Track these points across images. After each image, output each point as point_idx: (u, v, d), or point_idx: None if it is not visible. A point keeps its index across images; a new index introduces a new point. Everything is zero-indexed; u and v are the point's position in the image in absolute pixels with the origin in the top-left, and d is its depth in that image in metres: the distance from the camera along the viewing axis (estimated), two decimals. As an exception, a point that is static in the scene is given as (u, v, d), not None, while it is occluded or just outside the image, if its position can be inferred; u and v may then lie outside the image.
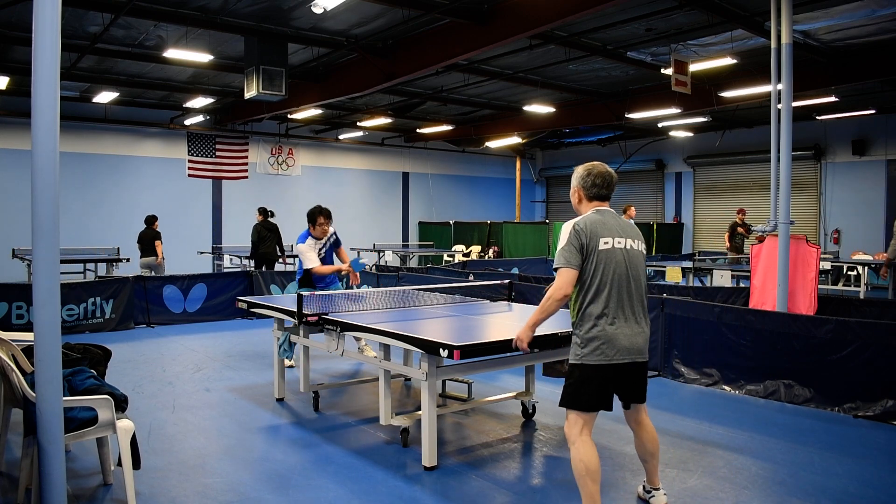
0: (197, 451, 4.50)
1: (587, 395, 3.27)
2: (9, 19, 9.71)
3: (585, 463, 3.20)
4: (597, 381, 3.26)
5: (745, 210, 14.55)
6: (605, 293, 3.24)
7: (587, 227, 3.30)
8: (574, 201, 3.55)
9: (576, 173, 3.52)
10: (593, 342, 3.23)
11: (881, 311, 7.35)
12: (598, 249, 3.27)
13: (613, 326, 3.24)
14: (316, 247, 6.78)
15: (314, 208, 6.82)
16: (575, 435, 3.27)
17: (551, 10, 8.26)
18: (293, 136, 19.14)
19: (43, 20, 3.01)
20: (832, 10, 8.93)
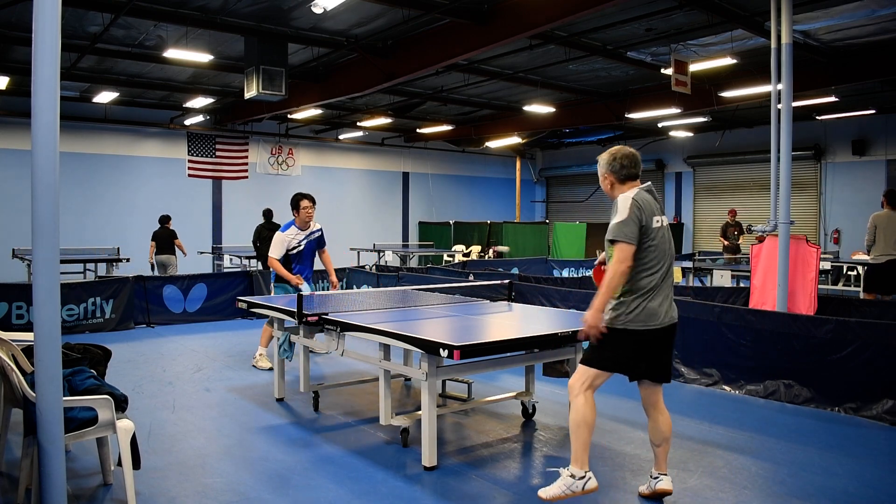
0: (197, 451, 4.50)
1: (614, 358, 3.48)
2: (9, 19, 9.71)
3: (584, 413, 3.43)
4: (630, 345, 3.45)
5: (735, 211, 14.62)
6: (657, 270, 3.44)
7: (645, 203, 3.44)
8: (606, 188, 3.65)
9: (601, 161, 3.64)
10: (639, 311, 3.42)
11: (881, 311, 7.35)
12: (652, 227, 3.44)
13: (657, 301, 3.44)
14: (295, 239, 6.66)
15: (296, 194, 6.76)
16: (579, 388, 3.46)
17: (551, 10, 8.26)
18: (293, 136, 19.14)
19: (43, 20, 3.01)
20: (832, 10, 8.93)
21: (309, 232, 6.78)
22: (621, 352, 3.46)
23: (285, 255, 6.68)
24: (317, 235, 6.87)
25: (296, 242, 6.69)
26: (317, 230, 6.88)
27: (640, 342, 3.45)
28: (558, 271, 14.60)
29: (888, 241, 8.41)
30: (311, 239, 6.79)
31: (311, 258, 6.89)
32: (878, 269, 8.55)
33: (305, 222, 6.72)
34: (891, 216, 8.47)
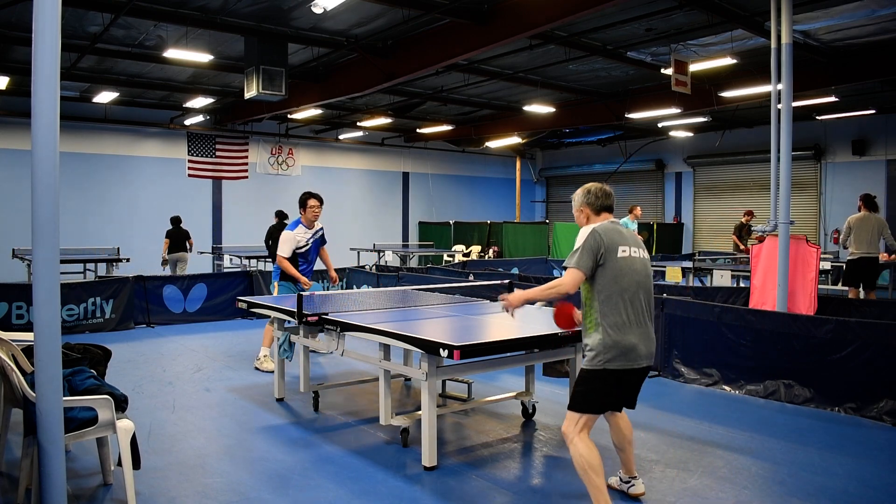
0: (197, 451, 4.50)
1: (601, 398, 3.40)
2: (9, 19, 9.71)
3: (587, 458, 3.29)
4: (613, 384, 3.36)
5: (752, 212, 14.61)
6: (626, 301, 3.34)
7: (606, 234, 3.40)
8: (581, 221, 3.66)
9: (576, 196, 3.69)
10: (614, 349, 3.30)
11: (881, 311, 7.35)
12: (617, 257, 3.37)
13: (633, 334, 3.34)
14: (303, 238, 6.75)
15: (305, 193, 6.83)
16: (574, 433, 3.35)
17: (551, 10, 8.26)
18: (293, 136, 19.14)
19: (43, 20, 3.01)
20: (832, 10, 8.93)
21: (315, 231, 6.88)
22: (606, 391, 3.37)
23: (293, 254, 6.75)
24: (320, 235, 6.98)
25: (304, 241, 6.78)
26: (320, 229, 6.98)
27: (621, 380, 3.37)
28: (558, 271, 14.59)
29: (861, 239, 9.23)
30: (316, 238, 6.90)
31: (316, 257, 6.99)
32: (854, 265, 9.37)
33: (312, 221, 6.81)
34: (865, 217, 9.27)
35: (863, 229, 9.21)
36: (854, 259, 9.38)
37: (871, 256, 9.28)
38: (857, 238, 9.26)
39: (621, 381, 3.36)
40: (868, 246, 9.20)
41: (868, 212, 9.28)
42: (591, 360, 3.35)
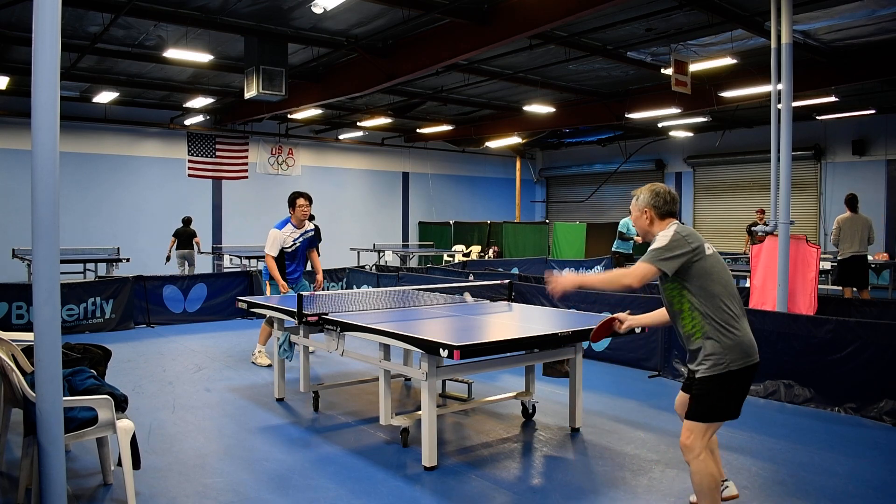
0: (197, 451, 4.50)
1: (728, 404, 3.23)
2: (9, 19, 9.71)
3: (713, 474, 3.16)
4: (738, 386, 3.21)
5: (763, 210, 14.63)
6: (731, 298, 3.20)
7: (692, 235, 3.23)
8: (644, 223, 3.44)
9: (643, 195, 3.46)
10: (734, 349, 3.15)
11: (881, 311, 7.35)
12: (707, 255, 3.20)
13: (743, 329, 3.20)
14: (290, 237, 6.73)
15: (294, 192, 6.85)
16: (701, 447, 3.16)
17: (551, 10, 8.26)
18: (293, 136, 19.14)
19: (43, 20, 3.01)
20: (832, 10, 8.93)
21: (304, 231, 6.86)
22: (733, 394, 3.22)
23: (280, 254, 6.72)
24: (310, 235, 6.94)
25: (290, 241, 6.77)
26: (310, 229, 6.96)
27: (745, 380, 3.22)
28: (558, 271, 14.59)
29: (851, 240, 9.51)
30: (305, 238, 6.88)
31: (305, 257, 6.96)
32: (845, 264, 9.64)
33: (301, 221, 6.79)
34: (852, 218, 9.58)
35: (853, 229, 9.46)
36: (845, 259, 9.59)
37: (861, 255, 9.50)
38: (850, 238, 9.48)
39: (745, 380, 3.22)
40: (859, 245, 9.44)
41: (853, 212, 9.55)
42: (712, 366, 3.16)
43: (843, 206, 9.76)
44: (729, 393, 3.21)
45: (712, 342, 3.15)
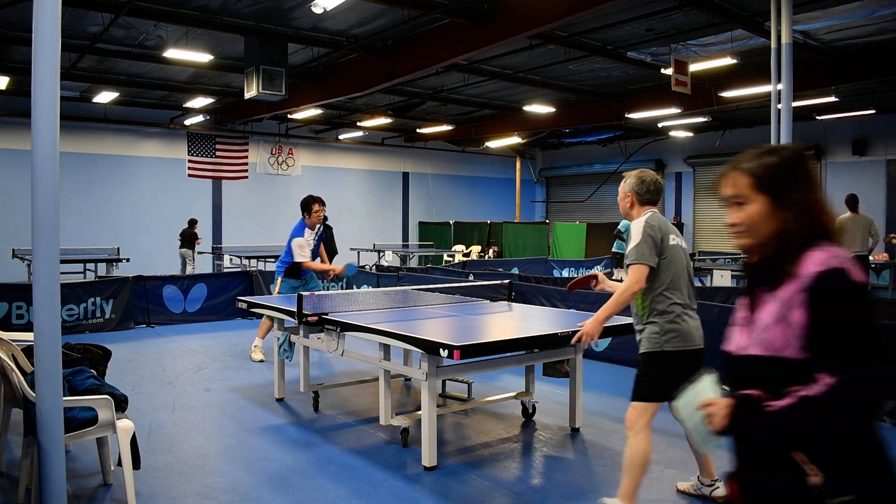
0: (197, 451, 4.50)
1: (664, 384, 3.34)
2: (9, 19, 9.71)
3: (644, 453, 3.32)
4: (673, 368, 3.36)
5: None
6: (680, 287, 3.44)
7: (660, 224, 3.46)
8: (625, 206, 3.68)
9: (628, 180, 3.68)
10: (672, 332, 3.38)
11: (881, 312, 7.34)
12: (669, 245, 3.44)
13: (689, 317, 3.44)
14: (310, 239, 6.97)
15: (307, 196, 7.03)
16: (642, 425, 3.35)
17: (551, 10, 8.26)
18: (293, 136, 19.14)
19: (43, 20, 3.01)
20: (832, 10, 8.93)
21: (317, 232, 7.11)
22: (669, 375, 3.33)
23: None
24: (320, 234, 7.20)
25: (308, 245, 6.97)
26: (320, 226, 7.20)
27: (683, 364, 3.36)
28: (558, 271, 14.60)
29: (852, 241, 9.38)
30: (317, 238, 7.15)
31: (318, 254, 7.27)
32: None
33: (315, 224, 7.02)
34: (852, 218, 9.43)
35: (853, 229, 9.40)
36: None
37: (862, 256, 9.44)
38: (848, 238, 9.43)
39: (682, 363, 3.37)
40: (860, 245, 9.39)
41: (853, 213, 9.49)
42: (651, 344, 3.40)
43: (843, 206, 9.77)
44: (662, 374, 3.37)
45: (655, 325, 3.40)
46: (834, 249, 1.58)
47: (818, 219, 1.64)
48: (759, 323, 1.62)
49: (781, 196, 1.65)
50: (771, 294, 1.62)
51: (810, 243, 1.60)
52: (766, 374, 1.59)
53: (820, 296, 1.53)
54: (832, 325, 1.50)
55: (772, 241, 1.65)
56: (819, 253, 1.57)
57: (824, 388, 1.45)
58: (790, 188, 1.65)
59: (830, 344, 1.50)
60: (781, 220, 1.64)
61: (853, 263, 1.56)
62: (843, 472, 1.50)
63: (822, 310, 1.52)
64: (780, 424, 1.49)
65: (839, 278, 1.53)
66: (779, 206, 1.65)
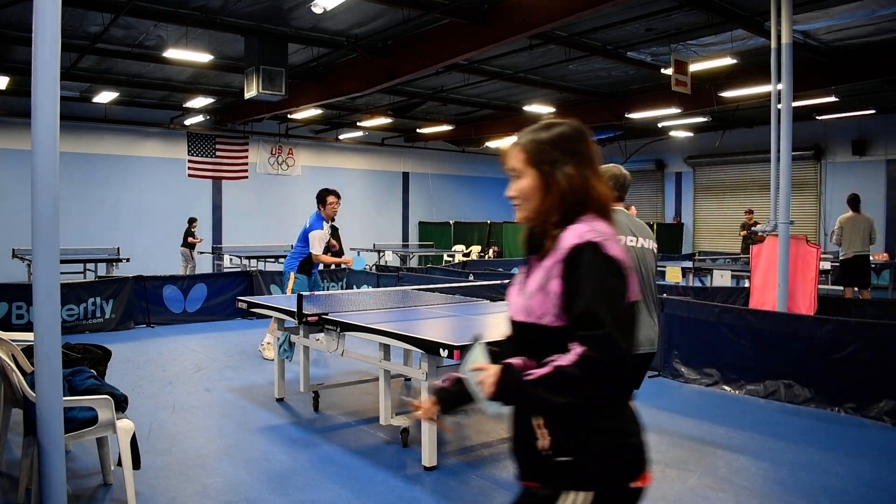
0: (197, 451, 4.50)
1: None
2: (9, 19, 9.71)
3: None
4: None
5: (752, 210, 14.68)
6: None
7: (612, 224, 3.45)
8: None
9: None
10: None
11: (881, 311, 7.35)
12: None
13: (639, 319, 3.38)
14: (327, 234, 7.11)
15: (323, 189, 7.09)
16: None
17: (551, 10, 8.26)
18: (293, 136, 19.14)
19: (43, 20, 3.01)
20: (832, 10, 8.93)
21: (330, 225, 7.24)
22: None
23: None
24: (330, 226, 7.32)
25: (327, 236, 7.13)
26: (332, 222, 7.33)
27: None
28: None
29: (853, 239, 9.50)
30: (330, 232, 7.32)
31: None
32: (847, 264, 9.63)
33: (331, 217, 7.08)
34: (854, 218, 9.58)
35: (854, 229, 9.46)
36: (847, 259, 9.59)
37: (863, 255, 9.50)
38: (851, 238, 9.50)
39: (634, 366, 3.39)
40: (861, 245, 9.45)
41: (855, 212, 9.56)
42: None
43: (843, 206, 9.77)
44: None
45: None
46: (595, 223, 1.66)
47: (585, 194, 1.70)
48: (526, 290, 1.70)
49: (550, 171, 1.70)
50: (539, 263, 1.69)
51: (574, 217, 1.67)
52: (531, 340, 1.67)
53: (572, 267, 1.59)
54: (582, 296, 1.55)
55: (541, 213, 1.71)
56: (579, 226, 1.64)
57: (575, 357, 1.51)
58: (559, 163, 1.70)
59: (580, 315, 1.55)
60: (549, 194, 1.70)
61: (612, 238, 1.63)
62: (567, 437, 1.60)
63: (573, 280, 1.58)
64: (537, 392, 1.54)
65: (592, 251, 1.58)
66: (548, 181, 1.70)
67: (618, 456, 1.61)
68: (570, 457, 1.60)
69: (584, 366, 1.50)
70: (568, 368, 1.51)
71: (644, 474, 1.65)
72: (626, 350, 1.53)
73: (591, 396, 1.54)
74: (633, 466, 1.63)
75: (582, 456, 1.59)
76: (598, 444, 1.59)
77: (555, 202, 1.68)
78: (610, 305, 1.54)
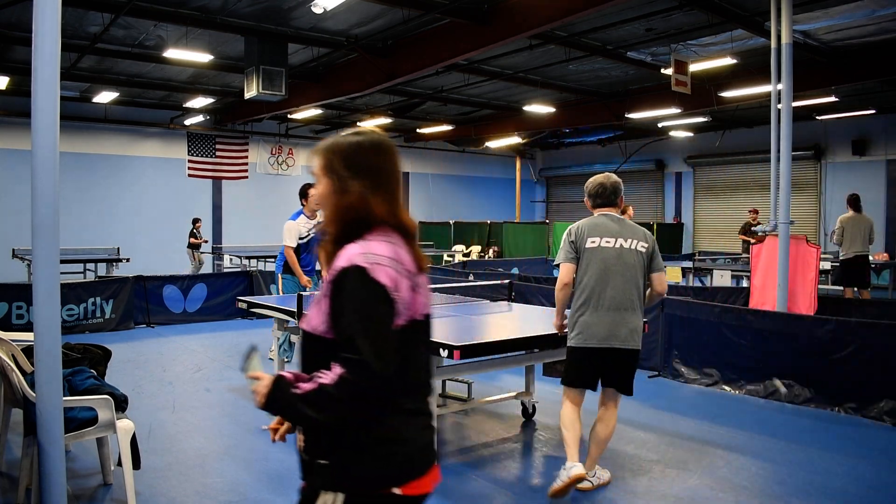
0: (197, 451, 4.50)
1: (571, 373, 3.83)
2: (9, 19, 9.71)
3: (562, 418, 3.84)
4: (576, 361, 3.78)
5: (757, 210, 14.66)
6: (586, 286, 3.73)
7: (579, 229, 3.82)
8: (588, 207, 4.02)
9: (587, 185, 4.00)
10: (576, 328, 3.74)
11: (881, 311, 7.35)
12: (585, 248, 3.76)
13: (591, 315, 3.69)
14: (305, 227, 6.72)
15: (305, 184, 6.82)
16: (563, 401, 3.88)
17: (551, 10, 8.26)
18: (293, 136, 19.14)
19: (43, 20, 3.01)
20: (832, 10, 8.93)
21: (317, 221, 6.78)
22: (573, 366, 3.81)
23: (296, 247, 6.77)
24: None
25: (305, 231, 6.77)
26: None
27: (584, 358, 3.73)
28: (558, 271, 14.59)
29: (854, 239, 9.44)
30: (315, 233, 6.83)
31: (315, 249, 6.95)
32: (848, 264, 9.57)
33: (314, 211, 6.76)
34: (855, 218, 9.49)
35: (855, 229, 9.42)
36: (848, 259, 9.55)
37: (863, 255, 9.46)
38: (852, 238, 9.45)
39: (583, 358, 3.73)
40: (861, 245, 9.42)
41: (856, 212, 9.51)
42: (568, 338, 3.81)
43: (842, 206, 9.76)
44: (571, 363, 3.82)
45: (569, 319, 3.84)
46: (373, 245, 1.63)
47: (365, 211, 1.67)
48: (315, 299, 1.72)
49: (342, 182, 1.69)
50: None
51: (356, 233, 1.66)
52: (310, 348, 1.71)
53: (337, 289, 1.61)
54: (344, 319, 1.58)
55: (332, 223, 1.73)
56: (353, 247, 1.63)
57: (335, 377, 1.55)
58: (350, 176, 1.69)
59: (341, 337, 1.59)
60: (338, 205, 1.70)
61: (385, 262, 1.60)
62: (324, 441, 1.66)
63: (337, 303, 1.61)
64: (300, 407, 1.58)
65: (358, 276, 1.58)
66: (339, 191, 1.70)
67: (374, 462, 1.63)
68: (327, 460, 1.65)
69: (342, 387, 1.54)
70: (328, 388, 1.55)
71: (413, 482, 1.65)
72: (383, 373, 1.54)
73: (349, 415, 1.58)
74: (396, 473, 1.64)
75: (336, 459, 1.64)
76: (352, 449, 1.63)
77: (342, 215, 1.69)
78: (368, 332, 1.55)
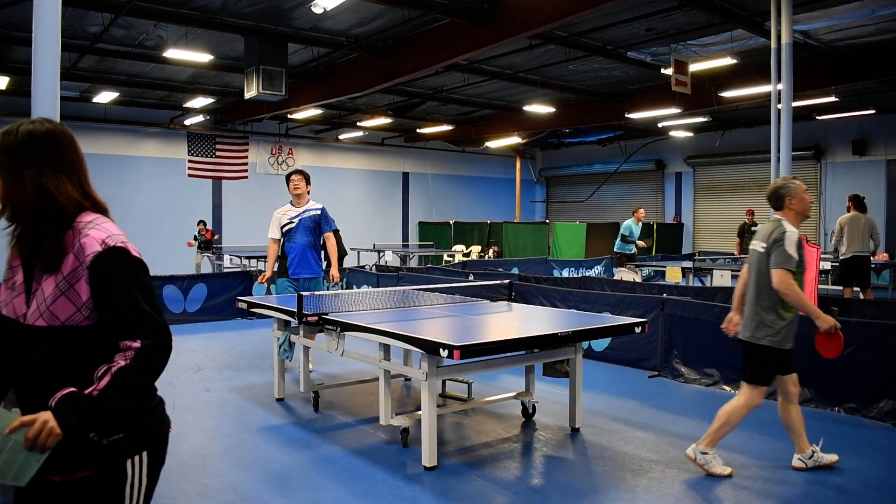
0: (197, 451, 4.50)
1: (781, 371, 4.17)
2: (9, 19, 9.72)
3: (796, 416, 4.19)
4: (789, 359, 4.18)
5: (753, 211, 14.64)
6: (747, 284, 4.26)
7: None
8: None
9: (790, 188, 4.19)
10: (788, 329, 4.14)
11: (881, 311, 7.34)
12: None
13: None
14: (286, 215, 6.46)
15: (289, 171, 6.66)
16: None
17: (551, 10, 8.27)
18: (293, 136, 19.14)
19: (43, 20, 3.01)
20: (832, 10, 8.94)
21: (303, 209, 6.49)
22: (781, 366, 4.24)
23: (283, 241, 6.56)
24: (312, 214, 6.49)
25: (286, 219, 6.47)
26: (316, 209, 6.52)
27: None
28: (558, 271, 14.59)
29: (853, 239, 9.37)
30: (305, 217, 6.47)
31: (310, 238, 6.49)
32: (847, 264, 9.51)
33: (296, 196, 6.50)
34: (854, 217, 9.40)
35: (855, 229, 9.37)
36: (847, 259, 9.52)
37: (864, 255, 9.41)
38: (851, 237, 9.41)
39: None
40: (860, 245, 9.37)
41: (857, 212, 9.44)
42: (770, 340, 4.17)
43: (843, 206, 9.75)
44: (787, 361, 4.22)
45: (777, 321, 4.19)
46: (108, 227, 1.74)
47: (52, 200, 1.71)
48: (40, 296, 1.70)
49: (14, 173, 1.71)
50: (45, 267, 1.71)
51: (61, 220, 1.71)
52: (61, 343, 1.69)
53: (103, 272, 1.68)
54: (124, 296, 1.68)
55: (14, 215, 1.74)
56: (97, 232, 1.70)
57: (134, 353, 1.64)
58: (21, 166, 1.71)
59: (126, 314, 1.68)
60: (15, 196, 1.71)
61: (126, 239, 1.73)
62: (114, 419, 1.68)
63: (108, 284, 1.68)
64: (110, 403, 1.63)
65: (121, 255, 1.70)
66: (12, 182, 1.71)
67: (157, 408, 1.83)
68: (121, 433, 1.71)
69: (146, 356, 1.65)
70: (131, 366, 1.63)
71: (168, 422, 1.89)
72: (167, 328, 1.71)
73: (154, 379, 1.71)
74: (164, 418, 1.86)
75: (133, 425, 1.73)
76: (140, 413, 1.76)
77: (23, 205, 1.70)
78: (151, 300, 1.70)
